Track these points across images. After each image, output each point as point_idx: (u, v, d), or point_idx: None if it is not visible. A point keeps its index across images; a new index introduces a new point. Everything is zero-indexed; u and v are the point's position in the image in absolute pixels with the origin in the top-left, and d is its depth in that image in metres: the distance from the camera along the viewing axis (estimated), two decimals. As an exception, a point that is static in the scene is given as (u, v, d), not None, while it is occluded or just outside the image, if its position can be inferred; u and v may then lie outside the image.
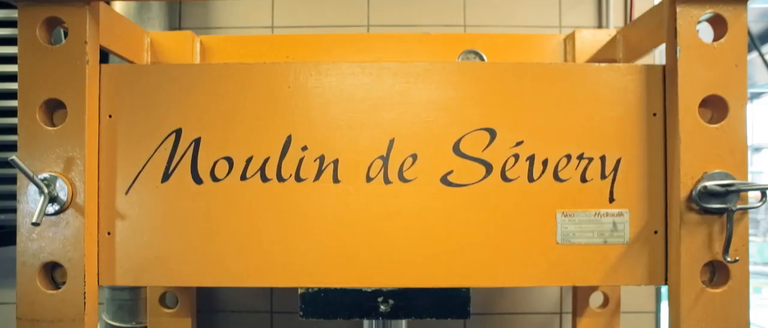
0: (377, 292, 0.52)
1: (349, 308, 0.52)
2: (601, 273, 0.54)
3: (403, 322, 0.62)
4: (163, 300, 0.79)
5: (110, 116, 0.54)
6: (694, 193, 0.50)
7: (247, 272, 0.53)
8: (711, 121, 0.51)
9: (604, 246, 0.54)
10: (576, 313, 0.79)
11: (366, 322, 0.62)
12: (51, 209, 0.50)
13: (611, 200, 0.54)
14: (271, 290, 0.93)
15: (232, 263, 0.53)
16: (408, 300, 0.52)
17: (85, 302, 0.52)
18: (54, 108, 0.52)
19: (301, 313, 0.53)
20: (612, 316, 0.79)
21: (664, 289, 0.95)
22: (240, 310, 0.93)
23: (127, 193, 0.54)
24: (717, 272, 0.53)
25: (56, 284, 0.53)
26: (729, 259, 0.50)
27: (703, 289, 0.51)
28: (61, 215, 0.51)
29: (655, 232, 0.54)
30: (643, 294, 0.93)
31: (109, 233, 0.54)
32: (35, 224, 0.48)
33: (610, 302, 0.79)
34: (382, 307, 0.52)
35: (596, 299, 0.79)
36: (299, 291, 0.53)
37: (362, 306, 0.52)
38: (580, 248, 0.54)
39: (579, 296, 0.78)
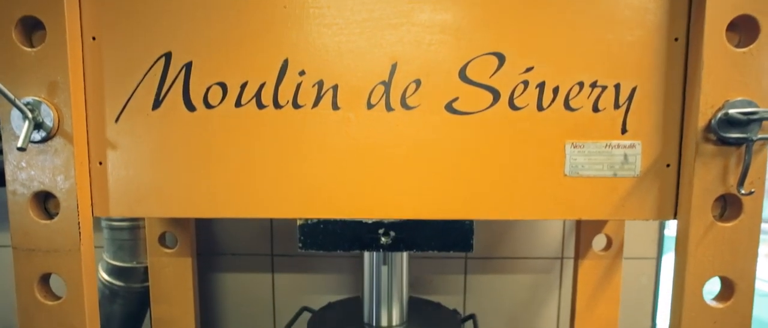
0: (378, 224, 0.51)
1: (349, 240, 0.51)
2: (609, 207, 0.52)
3: (405, 255, 0.61)
4: (162, 240, 0.79)
5: (94, 38, 0.50)
6: (713, 122, 0.47)
7: (243, 203, 0.51)
8: (738, 46, 0.47)
9: (614, 179, 0.52)
10: (578, 255, 0.78)
11: (366, 254, 0.61)
12: (37, 135, 0.48)
13: (624, 131, 0.51)
14: (272, 232, 0.92)
15: (228, 193, 0.51)
16: (409, 232, 0.51)
17: (80, 232, 0.51)
18: (32, 28, 0.49)
19: (300, 245, 0.51)
20: (614, 258, 0.79)
21: (667, 237, 0.95)
22: (241, 253, 0.93)
23: (116, 121, 0.51)
24: (728, 206, 0.51)
25: (50, 215, 0.52)
26: (743, 191, 0.48)
27: (713, 222, 0.50)
28: (49, 142, 0.49)
29: (668, 165, 0.52)
30: (646, 241, 0.93)
31: (100, 163, 0.52)
32: (21, 150, 0.46)
33: (613, 244, 0.78)
34: (382, 239, 0.51)
35: (599, 241, 0.79)
36: (298, 223, 0.51)
37: (362, 238, 0.51)
38: (588, 180, 0.52)
39: (582, 238, 0.78)
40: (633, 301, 0.93)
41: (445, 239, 0.51)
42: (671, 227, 0.93)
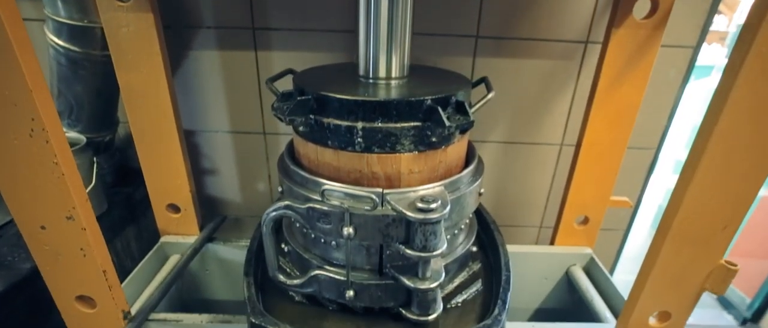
0: None
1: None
2: None
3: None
4: (113, -9, 0.65)
5: None
6: None
7: None
8: None
9: None
10: (613, 21, 0.66)
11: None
12: None
13: None
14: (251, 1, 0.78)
15: None
16: None
17: None
18: None
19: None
20: (655, 29, 0.67)
21: (697, 67, 0.82)
22: (217, 26, 0.80)
23: None
24: None
25: None
26: None
27: None
28: None
29: None
30: (687, 26, 0.80)
31: None
32: None
33: (659, 10, 0.65)
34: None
35: (642, 7, 0.66)
36: None
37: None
38: None
39: (622, 3, 0.64)
40: (654, 94, 0.85)
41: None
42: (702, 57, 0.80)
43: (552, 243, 0.86)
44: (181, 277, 0.86)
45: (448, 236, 0.58)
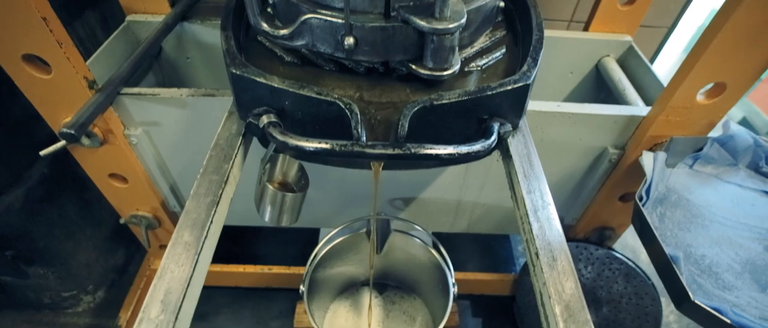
0: None
1: None
2: None
3: None
4: None
5: None
6: None
7: None
8: None
9: None
10: None
11: None
12: None
13: None
14: None
15: None
16: None
17: None
18: None
19: None
20: None
21: None
22: None
23: None
24: None
25: None
26: None
27: None
28: None
29: None
30: None
31: None
32: None
33: None
34: None
35: None
36: None
37: None
38: None
39: None
40: None
41: None
42: None
43: (586, 29, 0.74)
44: (159, 61, 0.76)
45: (474, -25, 0.45)
